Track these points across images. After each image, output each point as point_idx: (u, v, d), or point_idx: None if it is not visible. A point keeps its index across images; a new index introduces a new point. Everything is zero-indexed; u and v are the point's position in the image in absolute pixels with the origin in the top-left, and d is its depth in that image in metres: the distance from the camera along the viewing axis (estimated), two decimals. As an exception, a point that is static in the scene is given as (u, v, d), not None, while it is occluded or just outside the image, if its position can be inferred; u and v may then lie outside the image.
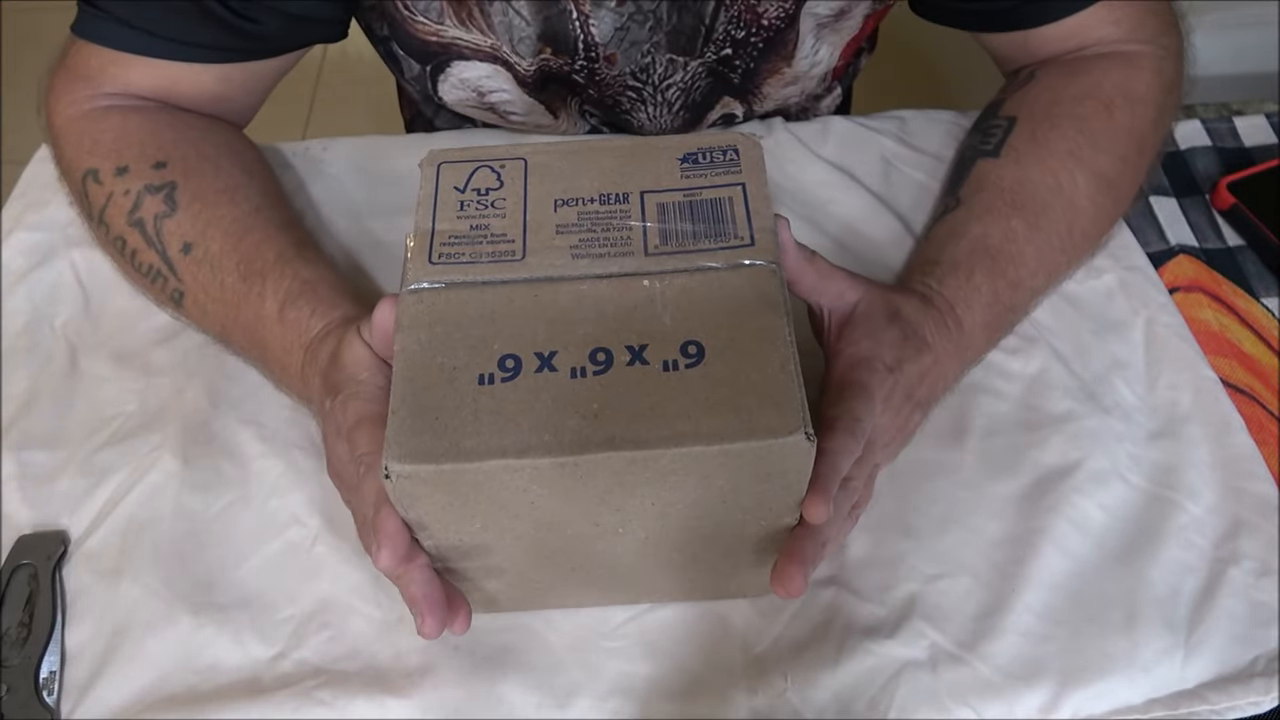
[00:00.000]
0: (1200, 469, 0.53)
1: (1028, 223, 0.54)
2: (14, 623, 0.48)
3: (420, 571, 0.42)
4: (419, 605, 0.41)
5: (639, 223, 0.42)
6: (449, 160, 0.45)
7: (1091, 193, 0.56)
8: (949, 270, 0.52)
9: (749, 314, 0.39)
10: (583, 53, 0.61)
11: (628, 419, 0.36)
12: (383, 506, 0.40)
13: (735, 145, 0.45)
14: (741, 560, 0.45)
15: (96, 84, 0.57)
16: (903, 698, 0.46)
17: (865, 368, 0.46)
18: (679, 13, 0.61)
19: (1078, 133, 0.57)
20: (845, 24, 0.64)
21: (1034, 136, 0.57)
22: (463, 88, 0.65)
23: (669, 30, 0.62)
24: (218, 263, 0.52)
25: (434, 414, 0.37)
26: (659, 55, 0.63)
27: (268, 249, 0.53)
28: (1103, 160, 0.56)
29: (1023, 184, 0.55)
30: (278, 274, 0.51)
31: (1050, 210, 0.55)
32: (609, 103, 0.66)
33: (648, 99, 0.66)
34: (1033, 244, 0.54)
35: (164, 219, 0.53)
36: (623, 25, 0.60)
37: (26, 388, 0.56)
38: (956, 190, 0.58)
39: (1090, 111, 0.57)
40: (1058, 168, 0.56)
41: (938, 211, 0.58)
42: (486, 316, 0.39)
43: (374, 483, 0.41)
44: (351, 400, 0.44)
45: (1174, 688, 0.47)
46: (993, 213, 0.55)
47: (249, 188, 0.56)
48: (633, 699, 0.46)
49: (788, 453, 0.36)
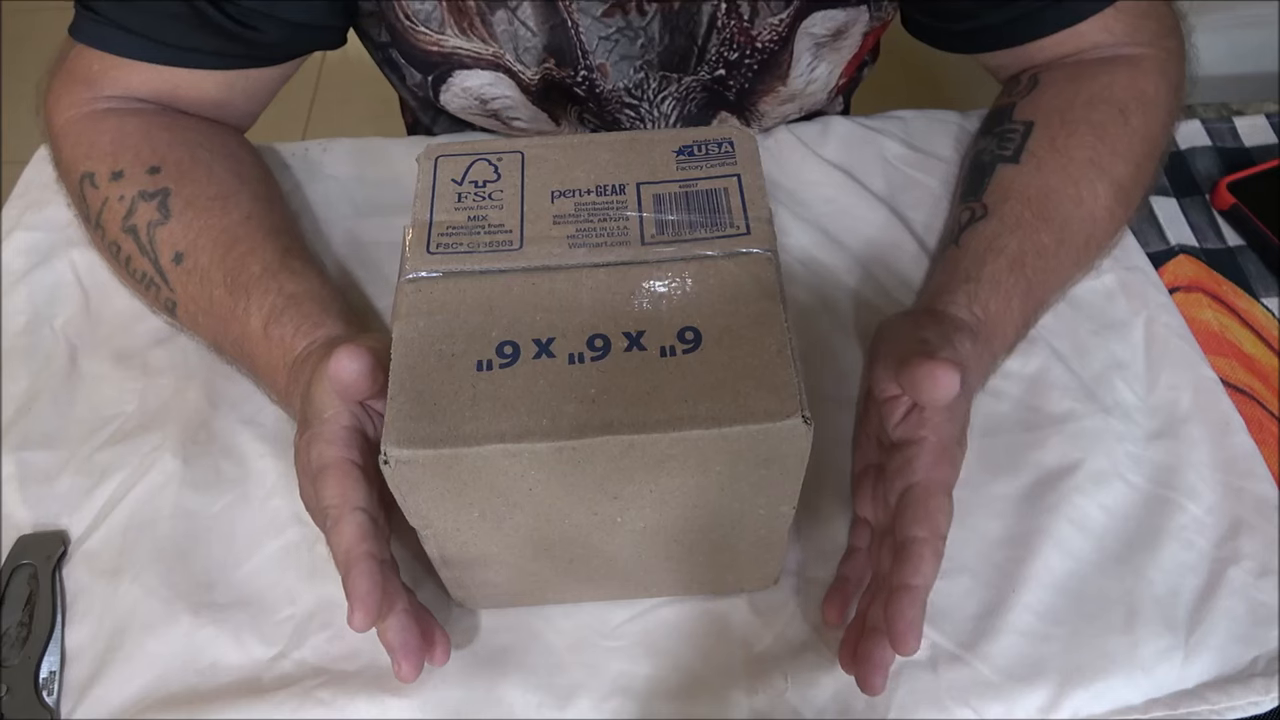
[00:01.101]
0: (1200, 469, 0.53)
1: (1055, 236, 0.54)
2: (14, 623, 0.48)
3: (396, 619, 0.42)
4: (396, 653, 0.42)
5: (635, 213, 0.42)
6: (447, 154, 0.45)
7: (1109, 202, 0.56)
8: (990, 291, 0.52)
9: (746, 301, 0.39)
10: (583, 62, 0.61)
11: (625, 404, 0.36)
12: (353, 566, 0.40)
13: (730, 138, 0.45)
14: (740, 552, 0.44)
15: (97, 87, 0.57)
16: (903, 698, 0.46)
17: (949, 462, 0.44)
18: (670, 33, 0.61)
19: (1097, 139, 0.56)
20: (844, 43, 0.64)
21: (1053, 143, 0.57)
22: (465, 96, 0.65)
23: (660, 50, 0.62)
24: (206, 275, 0.52)
25: (432, 400, 0.37)
26: (651, 73, 0.63)
27: (253, 261, 0.52)
28: (1120, 167, 0.56)
29: (1047, 194, 0.55)
30: (262, 289, 0.51)
31: (1072, 223, 0.55)
32: (608, 120, 0.66)
33: (644, 116, 0.66)
34: (1057, 259, 0.54)
35: (157, 227, 0.53)
36: (609, 37, 0.60)
37: (26, 388, 0.56)
38: (979, 196, 0.57)
39: (1106, 117, 0.57)
40: (1079, 177, 0.55)
41: (963, 217, 0.57)
42: (484, 305, 0.39)
43: (344, 537, 0.41)
44: (315, 442, 0.43)
45: (1174, 688, 0.47)
46: (1023, 226, 0.54)
47: (241, 194, 0.56)
48: (633, 699, 0.46)
49: (785, 436, 0.36)
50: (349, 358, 0.41)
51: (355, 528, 0.41)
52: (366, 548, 0.41)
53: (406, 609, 0.43)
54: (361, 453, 0.43)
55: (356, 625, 0.40)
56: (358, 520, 0.41)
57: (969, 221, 0.56)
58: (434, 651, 0.44)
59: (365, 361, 0.41)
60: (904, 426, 0.46)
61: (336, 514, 0.41)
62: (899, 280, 0.60)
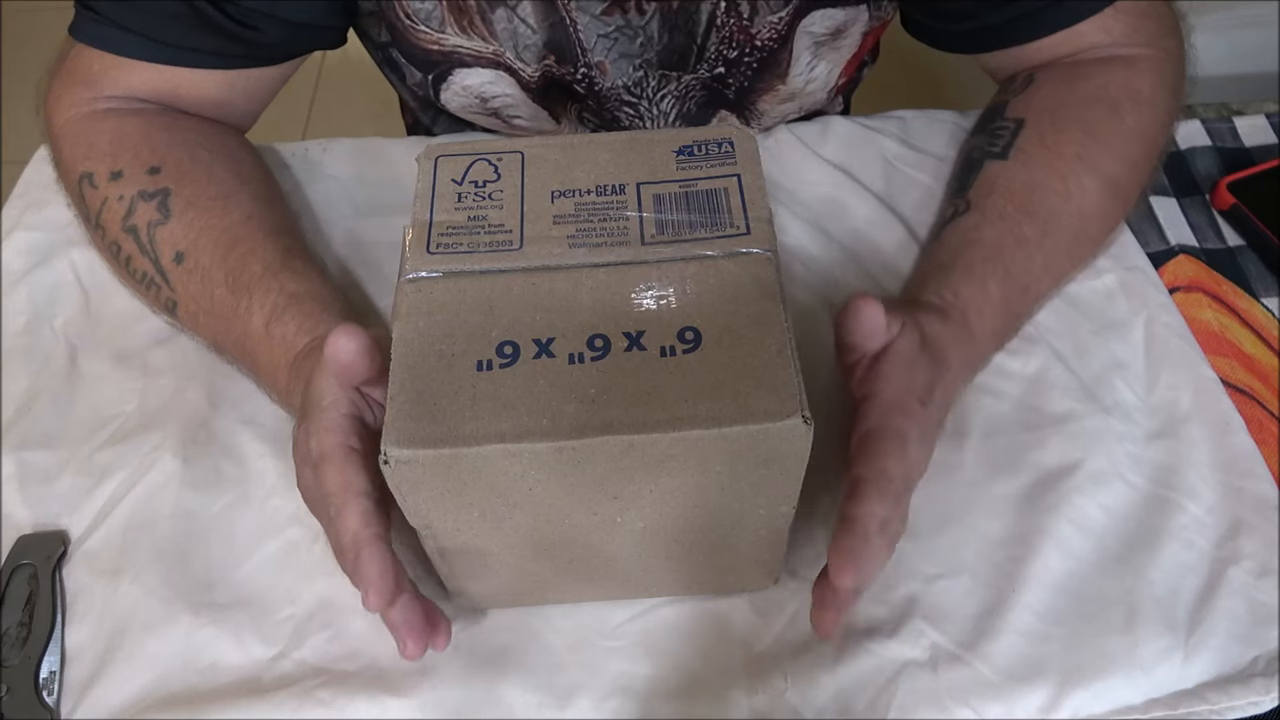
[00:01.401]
0: (1200, 469, 0.53)
1: (1039, 229, 0.54)
2: (14, 623, 0.48)
3: (402, 599, 0.42)
4: (400, 631, 0.42)
5: (635, 213, 0.42)
6: (447, 154, 0.45)
7: (1099, 198, 0.56)
8: (963, 277, 0.52)
9: (746, 300, 0.39)
10: (582, 59, 0.61)
11: (625, 404, 0.36)
12: (363, 549, 0.40)
13: (730, 138, 0.45)
14: (740, 553, 0.44)
15: (97, 87, 0.57)
16: (903, 698, 0.46)
17: (900, 411, 0.44)
18: (670, 32, 0.61)
19: (1086, 136, 0.56)
20: (843, 42, 0.64)
21: (1042, 140, 0.57)
22: (465, 94, 0.65)
23: (660, 49, 0.62)
24: (207, 274, 0.52)
25: (432, 400, 0.37)
26: (651, 72, 0.63)
27: (255, 261, 0.52)
28: (1110, 164, 0.56)
29: (1033, 189, 0.55)
30: (263, 288, 0.51)
31: (1059, 216, 0.55)
32: (608, 117, 0.66)
33: (644, 114, 0.66)
34: (1042, 251, 0.54)
35: (157, 227, 0.53)
36: (608, 35, 0.60)
37: (26, 388, 0.56)
38: (965, 192, 0.57)
39: (1098, 115, 0.57)
40: (1067, 172, 0.55)
41: (946, 213, 0.58)
42: (484, 304, 0.39)
43: (349, 522, 0.41)
44: (314, 431, 0.43)
45: (1174, 688, 0.47)
46: (1005, 219, 0.54)
47: (241, 194, 0.56)
48: (633, 699, 0.46)
49: (785, 436, 0.36)
50: (346, 336, 0.40)
51: (360, 513, 0.41)
52: (374, 531, 0.41)
53: (411, 591, 0.43)
54: (361, 439, 0.43)
55: (372, 606, 0.40)
56: (362, 506, 0.41)
57: (951, 217, 0.57)
58: (437, 635, 0.44)
59: (362, 340, 0.40)
60: (861, 384, 0.46)
61: (340, 501, 0.41)
62: (898, 279, 0.60)
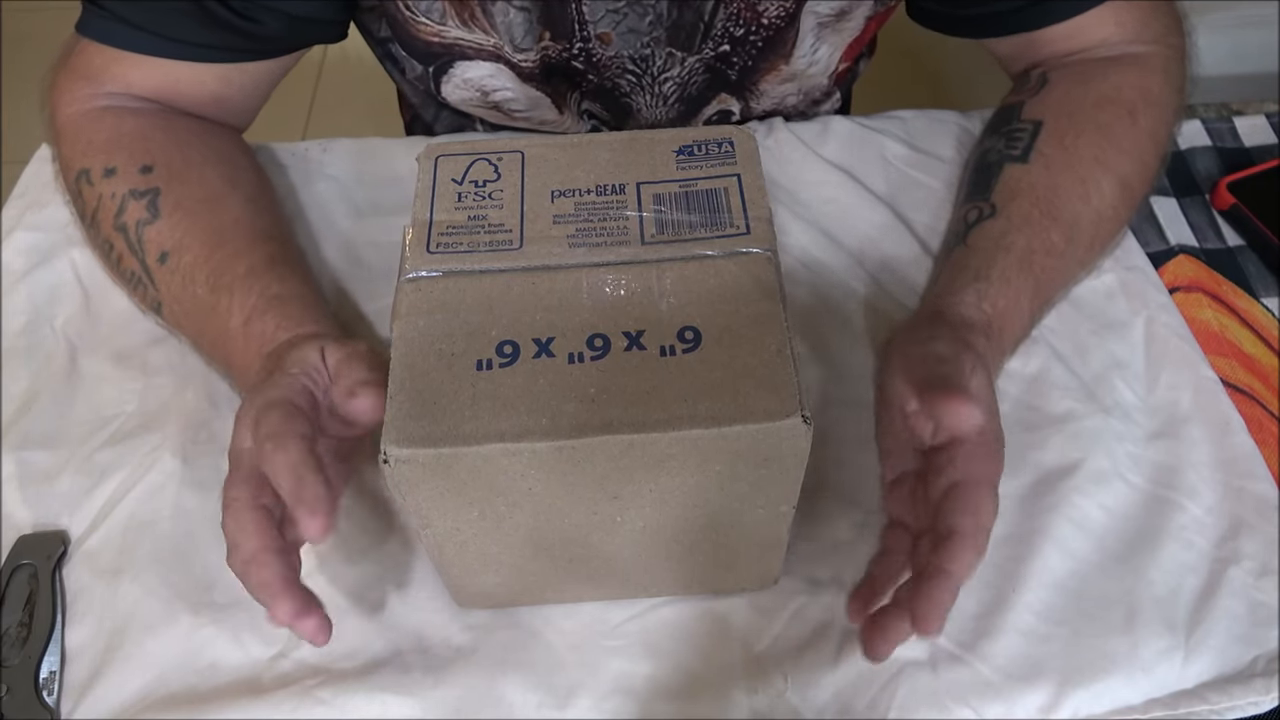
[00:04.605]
0: (1200, 469, 0.53)
1: (1065, 235, 0.54)
2: (14, 623, 0.48)
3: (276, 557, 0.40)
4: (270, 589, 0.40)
5: (635, 213, 0.42)
6: (447, 153, 0.45)
7: (1114, 201, 0.56)
8: (1000, 289, 0.51)
9: (745, 300, 0.39)
10: (578, 33, 0.61)
11: (625, 403, 0.36)
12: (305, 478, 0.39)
13: (730, 138, 0.45)
14: (740, 552, 0.45)
15: (99, 83, 0.57)
16: (903, 698, 0.46)
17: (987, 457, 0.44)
18: (679, 9, 0.61)
19: (1103, 138, 0.56)
20: (846, 25, 0.65)
21: (1061, 142, 0.57)
22: (466, 87, 0.65)
23: (669, 26, 0.62)
24: (190, 274, 0.52)
25: (432, 399, 0.37)
26: (659, 49, 0.63)
27: (238, 263, 0.51)
28: (1126, 165, 0.56)
29: (1056, 193, 0.55)
30: (245, 289, 0.50)
31: (1080, 222, 0.55)
32: (608, 86, 0.66)
33: (645, 87, 0.66)
34: (1064, 258, 0.54)
35: (145, 226, 0.53)
36: (617, 10, 0.60)
37: (26, 388, 0.56)
38: (988, 195, 0.57)
39: (1113, 117, 0.57)
40: (1086, 176, 0.55)
41: (970, 216, 0.57)
42: (484, 304, 0.40)
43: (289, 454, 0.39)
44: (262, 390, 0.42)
45: (1174, 688, 0.47)
46: (1032, 224, 0.54)
47: (231, 197, 0.55)
48: (633, 698, 0.46)
49: (785, 436, 0.36)
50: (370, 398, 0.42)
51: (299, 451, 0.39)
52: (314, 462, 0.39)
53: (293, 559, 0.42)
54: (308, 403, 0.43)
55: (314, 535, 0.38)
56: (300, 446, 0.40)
57: (977, 220, 0.56)
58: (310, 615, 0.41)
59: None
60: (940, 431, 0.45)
61: (278, 441, 0.40)
62: (899, 280, 0.60)
